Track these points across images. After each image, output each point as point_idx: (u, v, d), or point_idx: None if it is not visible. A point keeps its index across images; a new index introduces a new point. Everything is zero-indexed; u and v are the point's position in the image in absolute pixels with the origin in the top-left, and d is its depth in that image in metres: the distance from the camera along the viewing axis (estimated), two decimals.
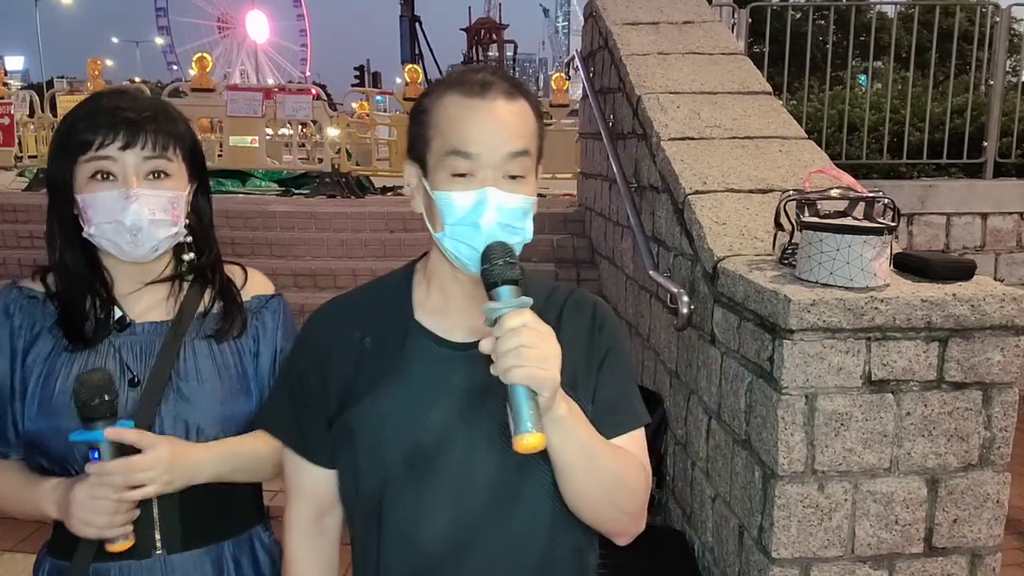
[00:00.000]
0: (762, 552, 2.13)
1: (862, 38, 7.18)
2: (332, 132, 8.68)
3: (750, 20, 5.43)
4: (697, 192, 2.76)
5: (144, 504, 1.23)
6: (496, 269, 1.01)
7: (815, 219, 2.11)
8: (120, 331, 1.30)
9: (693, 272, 2.75)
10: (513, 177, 1.05)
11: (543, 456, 1.02)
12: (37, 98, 9.81)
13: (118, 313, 1.31)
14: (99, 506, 1.18)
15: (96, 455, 1.18)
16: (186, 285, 1.36)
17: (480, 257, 1.03)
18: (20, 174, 9.48)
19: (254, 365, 1.37)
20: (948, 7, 6.08)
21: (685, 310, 2.66)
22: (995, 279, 2.34)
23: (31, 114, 9.78)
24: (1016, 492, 2.25)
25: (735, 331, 2.32)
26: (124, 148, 1.22)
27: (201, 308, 1.36)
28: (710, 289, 2.53)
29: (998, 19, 5.38)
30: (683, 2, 4.36)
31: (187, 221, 1.32)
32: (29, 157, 9.22)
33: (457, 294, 1.14)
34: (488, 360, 0.97)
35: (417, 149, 1.10)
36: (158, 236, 1.25)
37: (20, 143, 9.18)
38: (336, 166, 8.23)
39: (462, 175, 1.04)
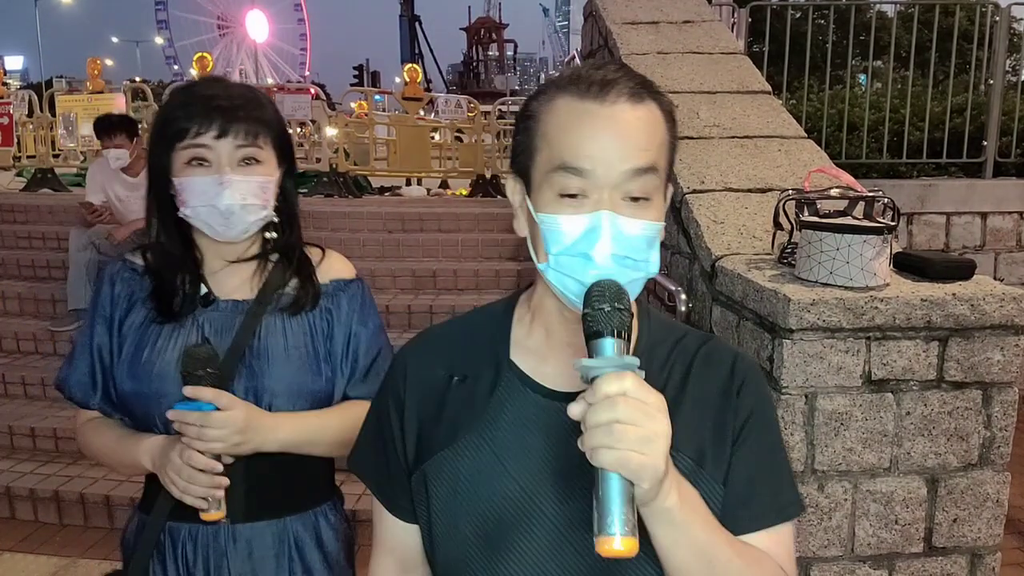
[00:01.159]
0: None
1: (862, 37, 7.18)
2: (330, 132, 8.66)
3: (750, 19, 5.42)
4: (695, 191, 2.76)
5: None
6: (600, 316, 0.81)
7: (814, 218, 2.11)
8: (205, 307, 1.37)
9: (691, 270, 2.75)
10: (636, 199, 0.87)
11: (649, 547, 0.82)
12: (36, 98, 9.79)
13: (204, 290, 1.39)
14: (187, 473, 1.25)
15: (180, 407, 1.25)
16: (270, 265, 1.42)
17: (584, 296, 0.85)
18: (19, 174, 9.47)
19: (325, 346, 1.40)
20: (948, 6, 6.08)
21: (683, 308, 2.66)
22: (995, 278, 2.33)
23: (30, 114, 9.75)
24: (1016, 492, 2.25)
25: (734, 330, 2.32)
26: (218, 137, 1.29)
27: (279, 285, 1.42)
28: (708, 288, 2.53)
29: (998, 18, 5.37)
30: (683, 1, 4.36)
31: (276, 203, 1.38)
32: (28, 157, 9.19)
33: (562, 333, 0.96)
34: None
35: (521, 162, 0.92)
36: (248, 219, 1.32)
37: (19, 143, 9.16)
38: (334, 166, 8.21)
39: (572, 195, 0.86)
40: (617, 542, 0.75)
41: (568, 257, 0.87)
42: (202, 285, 1.39)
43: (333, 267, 1.47)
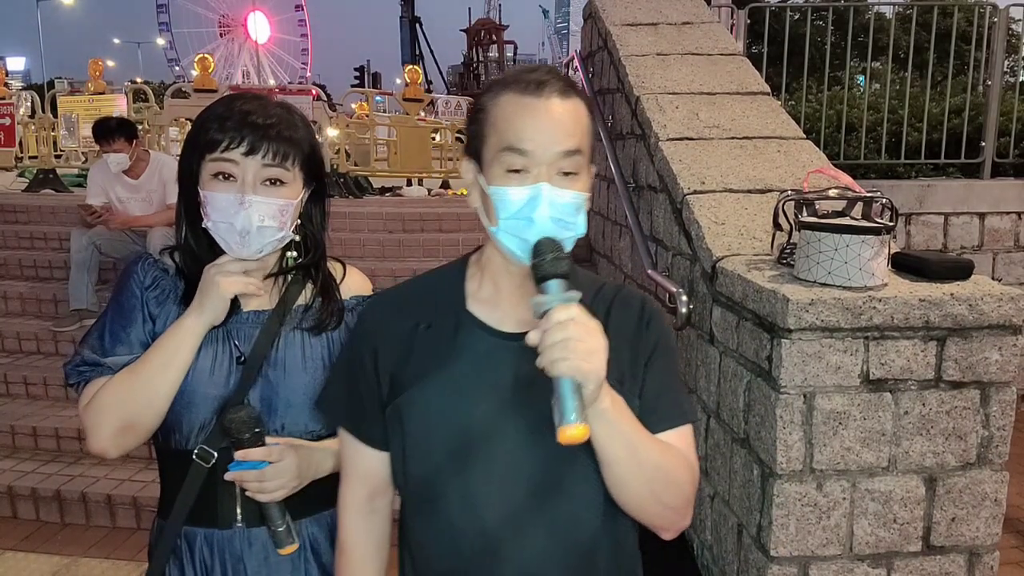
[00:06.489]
0: (760, 551, 2.14)
1: (860, 39, 7.20)
2: (331, 132, 8.67)
3: (749, 21, 5.43)
4: (695, 192, 2.77)
5: (228, 481, 1.33)
6: (546, 264, 1.03)
7: (813, 219, 2.12)
8: (230, 314, 1.38)
9: (692, 271, 2.76)
10: (566, 174, 1.08)
11: (588, 449, 1.04)
12: (38, 99, 9.80)
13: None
14: (223, 270, 1.32)
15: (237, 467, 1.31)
16: (289, 278, 1.44)
17: (531, 251, 1.06)
18: (20, 174, 9.49)
19: None
20: (946, 7, 6.10)
21: (684, 309, 2.67)
22: (993, 278, 2.34)
23: (32, 115, 9.77)
24: (1014, 491, 2.26)
25: (734, 330, 2.33)
26: (247, 154, 1.30)
27: (302, 301, 1.44)
28: (709, 288, 2.54)
29: (996, 19, 5.38)
30: (682, 3, 4.37)
31: (298, 221, 1.40)
32: (30, 158, 9.21)
33: (509, 286, 1.17)
34: (535, 353, 0.99)
35: (474, 145, 1.13)
36: (264, 240, 1.33)
37: (21, 144, 9.17)
38: (335, 166, 8.22)
39: (517, 171, 1.07)
40: (573, 428, 0.95)
41: (514, 220, 1.07)
42: None
43: (354, 284, 1.52)
